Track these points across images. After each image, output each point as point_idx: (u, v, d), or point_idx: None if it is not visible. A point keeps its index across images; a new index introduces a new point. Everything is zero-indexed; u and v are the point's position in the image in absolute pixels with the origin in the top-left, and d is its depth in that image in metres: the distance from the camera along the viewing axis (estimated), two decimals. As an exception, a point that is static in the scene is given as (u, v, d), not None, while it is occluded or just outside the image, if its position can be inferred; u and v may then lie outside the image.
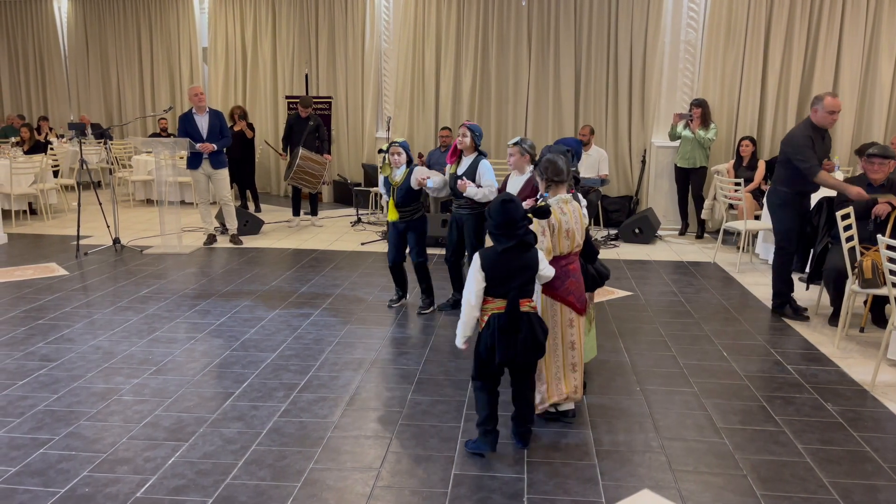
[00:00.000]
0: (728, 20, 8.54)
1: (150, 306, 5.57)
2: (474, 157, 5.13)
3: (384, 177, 5.36)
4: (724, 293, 6.14)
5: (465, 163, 5.17)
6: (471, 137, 5.07)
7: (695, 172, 8.41)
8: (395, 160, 5.24)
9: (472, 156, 5.15)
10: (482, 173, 5.06)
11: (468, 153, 5.15)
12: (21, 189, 9.15)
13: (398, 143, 5.25)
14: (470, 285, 3.21)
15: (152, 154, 9.71)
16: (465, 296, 3.22)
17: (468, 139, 5.07)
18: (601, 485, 3.06)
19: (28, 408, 3.76)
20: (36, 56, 13.35)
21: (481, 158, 5.12)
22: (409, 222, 5.33)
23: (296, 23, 11.13)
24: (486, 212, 3.31)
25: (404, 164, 5.25)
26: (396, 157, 5.23)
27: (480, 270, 3.17)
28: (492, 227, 3.19)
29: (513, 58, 9.70)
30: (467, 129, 5.07)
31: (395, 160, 5.24)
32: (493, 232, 3.20)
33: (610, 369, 4.38)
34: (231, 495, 2.96)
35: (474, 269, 3.20)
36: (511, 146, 4.73)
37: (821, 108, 5.10)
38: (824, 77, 8.47)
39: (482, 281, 3.17)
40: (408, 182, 5.20)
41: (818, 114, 5.13)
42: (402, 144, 5.26)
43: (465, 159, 5.18)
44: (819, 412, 3.79)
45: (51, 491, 2.97)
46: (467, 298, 3.21)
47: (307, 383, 4.12)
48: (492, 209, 3.19)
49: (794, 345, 4.86)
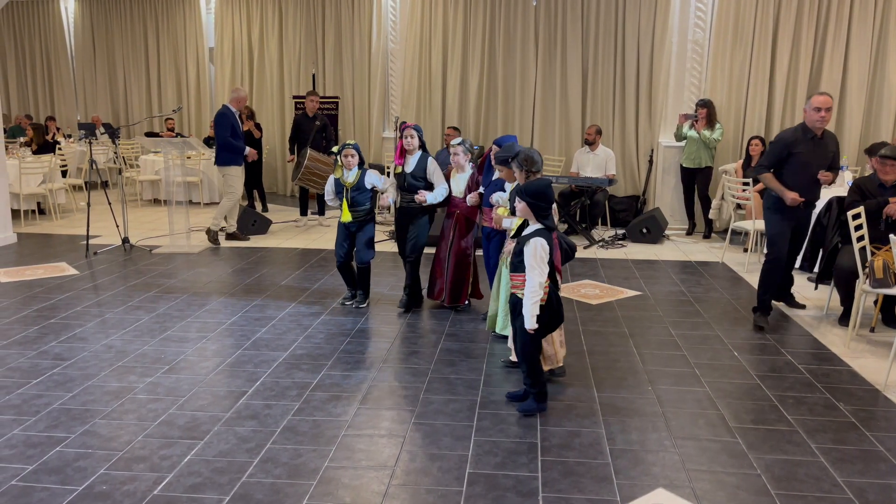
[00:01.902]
0: (736, 20, 8.54)
1: (161, 305, 5.60)
2: (420, 156, 5.46)
3: (335, 178, 5.51)
4: (733, 293, 6.14)
5: (412, 161, 5.46)
6: (417, 138, 5.43)
7: (700, 172, 8.42)
8: (347, 162, 5.41)
9: (417, 154, 5.46)
10: (433, 171, 5.42)
11: (413, 153, 5.47)
12: (30, 189, 9.19)
13: (350, 146, 5.44)
14: (543, 269, 3.56)
15: (160, 154, 9.75)
16: (538, 279, 3.55)
17: (416, 140, 5.42)
18: (615, 483, 3.07)
19: (43, 406, 3.78)
20: (43, 56, 13.39)
21: (427, 157, 5.48)
22: (360, 223, 5.48)
23: (302, 23, 11.15)
24: (531, 192, 3.63)
25: (356, 166, 5.44)
26: (350, 158, 5.40)
27: (548, 253, 3.57)
28: (545, 209, 3.63)
29: (520, 58, 9.71)
30: (413, 131, 5.41)
31: (348, 162, 5.40)
32: (545, 213, 3.63)
33: (621, 369, 4.39)
34: (247, 493, 2.97)
35: (545, 252, 3.55)
36: (456, 146, 5.30)
37: (808, 106, 4.98)
38: (832, 76, 8.47)
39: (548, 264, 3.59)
40: (361, 182, 5.42)
41: (806, 113, 5.02)
42: (354, 146, 5.45)
43: (411, 158, 5.47)
44: (832, 412, 3.80)
45: (68, 489, 2.99)
46: (540, 282, 3.55)
47: (320, 382, 4.13)
48: (539, 190, 3.60)
49: (805, 344, 4.86)
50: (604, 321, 5.32)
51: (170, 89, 12.52)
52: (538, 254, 3.54)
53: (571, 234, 8.65)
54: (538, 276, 3.55)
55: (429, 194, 5.34)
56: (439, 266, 5.52)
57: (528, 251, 3.55)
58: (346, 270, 5.65)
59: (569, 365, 4.41)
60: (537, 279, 3.54)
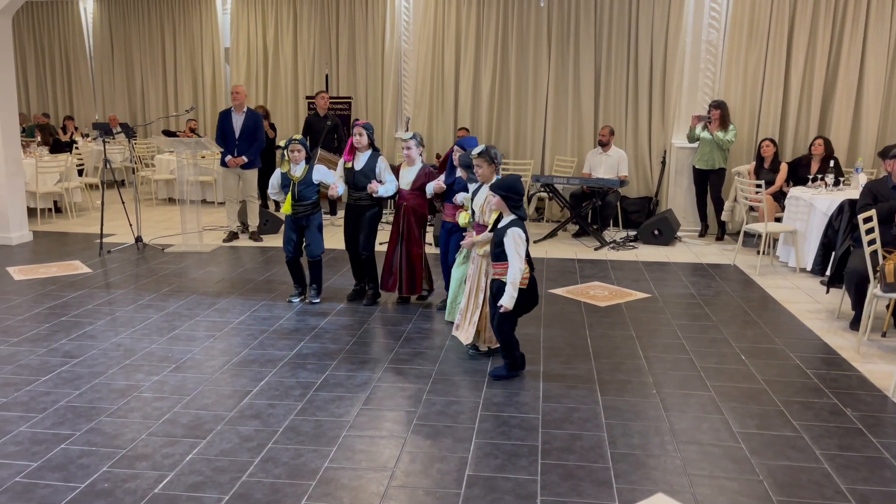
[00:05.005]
0: (751, 20, 8.46)
1: (171, 304, 5.65)
2: (370, 154, 5.58)
3: (282, 172, 5.63)
4: (744, 296, 6.08)
5: (361, 159, 5.58)
6: (367, 136, 5.53)
7: (713, 174, 8.35)
8: (294, 157, 5.55)
9: (367, 152, 5.58)
10: (383, 169, 5.56)
11: (363, 151, 5.58)
12: (46, 187, 9.30)
13: (297, 141, 5.57)
14: (522, 256, 3.97)
15: (174, 153, 9.84)
16: (519, 266, 3.96)
17: (365, 138, 5.53)
18: (615, 488, 3.06)
19: (51, 403, 3.83)
20: (62, 56, 13.56)
21: (378, 155, 5.61)
22: (307, 217, 5.62)
23: (317, 23, 11.20)
24: (504, 187, 4.05)
25: (303, 161, 5.58)
26: (296, 153, 5.54)
27: (524, 241, 3.99)
28: (517, 201, 4.03)
29: (532, 58, 9.68)
30: (363, 129, 5.52)
31: (294, 157, 5.55)
32: (517, 205, 4.04)
33: (626, 371, 4.37)
34: (247, 493, 2.99)
35: (521, 241, 3.97)
36: (408, 139, 5.44)
37: None
38: (848, 77, 8.36)
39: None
40: (309, 177, 5.58)
41: None
42: (301, 142, 5.58)
43: (361, 156, 5.58)
44: (838, 417, 3.75)
45: (71, 486, 3.03)
46: (521, 268, 3.97)
47: (324, 382, 4.15)
48: (510, 185, 4.03)
49: (814, 349, 4.81)
50: (611, 323, 5.30)
51: (186, 89, 12.63)
52: (516, 241, 3.97)
53: (582, 235, 8.62)
54: (518, 262, 3.97)
55: (380, 186, 5.50)
56: (391, 257, 5.65)
57: (508, 241, 3.98)
58: (294, 266, 5.78)
59: (572, 367, 4.40)
60: (518, 265, 3.97)
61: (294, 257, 5.72)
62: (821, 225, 6.41)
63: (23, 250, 7.60)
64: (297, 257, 5.73)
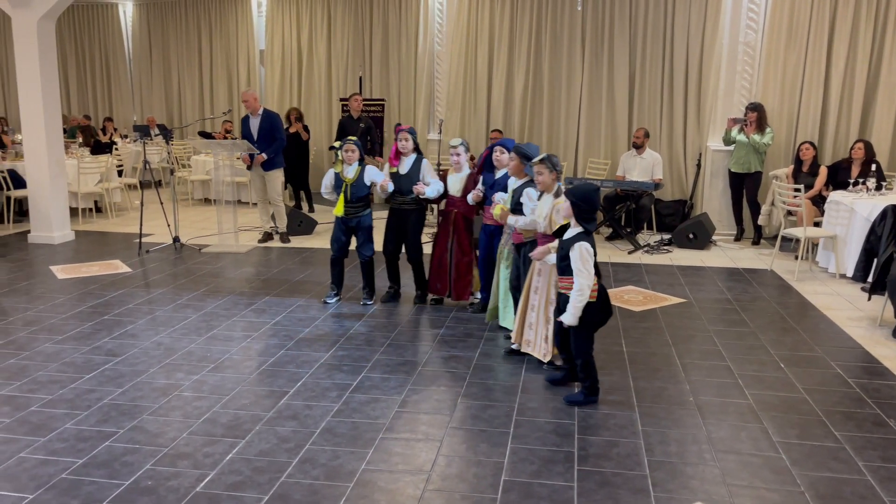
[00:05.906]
0: (790, 20, 8.33)
1: (208, 304, 5.74)
2: (415, 158, 5.60)
3: (335, 173, 5.63)
4: (782, 302, 5.99)
5: (406, 163, 5.60)
6: (412, 141, 5.58)
7: (749, 177, 8.23)
8: (348, 157, 5.53)
9: (412, 156, 5.60)
10: (427, 172, 5.58)
11: (408, 155, 5.60)
12: (87, 188, 9.52)
13: (352, 141, 5.56)
14: (589, 271, 3.76)
15: (210, 155, 9.99)
16: (586, 282, 3.75)
17: (410, 143, 5.58)
18: (652, 496, 3.04)
19: (95, 401, 3.92)
20: (102, 59, 13.86)
21: (422, 158, 5.62)
22: (358, 219, 5.62)
23: (350, 25, 11.28)
24: (579, 194, 3.79)
25: (356, 162, 5.55)
26: (350, 153, 5.52)
27: (592, 255, 3.78)
28: (588, 213, 3.79)
29: (566, 59, 9.64)
30: (408, 134, 5.58)
31: (349, 157, 5.53)
32: (588, 217, 3.80)
33: (662, 378, 4.33)
34: (286, 493, 3.03)
35: (589, 256, 3.75)
36: (457, 146, 5.46)
37: None
38: (891, 79, 8.18)
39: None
40: (361, 179, 5.54)
41: None
42: (355, 143, 5.57)
43: (405, 160, 5.61)
44: (881, 428, 3.68)
45: (115, 483, 3.10)
46: (588, 283, 3.76)
47: (359, 384, 4.19)
48: (586, 194, 3.78)
49: (856, 357, 4.72)
50: (646, 329, 5.26)
51: (221, 91, 12.82)
52: (584, 257, 3.75)
53: (616, 238, 8.56)
54: (586, 278, 3.76)
55: (427, 188, 5.51)
56: (440, 263, 5.65)
57: (575, 255, 3.76)
58: (337, 266, 5.79)
59: (608, 373, 4.37)
60: (585, 281, 3.76)
61: (339, 256, 5.74)
62: (862, 230, 6.28)
63: (65, 249, 7.78)
64: (341, 257, 5.75)
